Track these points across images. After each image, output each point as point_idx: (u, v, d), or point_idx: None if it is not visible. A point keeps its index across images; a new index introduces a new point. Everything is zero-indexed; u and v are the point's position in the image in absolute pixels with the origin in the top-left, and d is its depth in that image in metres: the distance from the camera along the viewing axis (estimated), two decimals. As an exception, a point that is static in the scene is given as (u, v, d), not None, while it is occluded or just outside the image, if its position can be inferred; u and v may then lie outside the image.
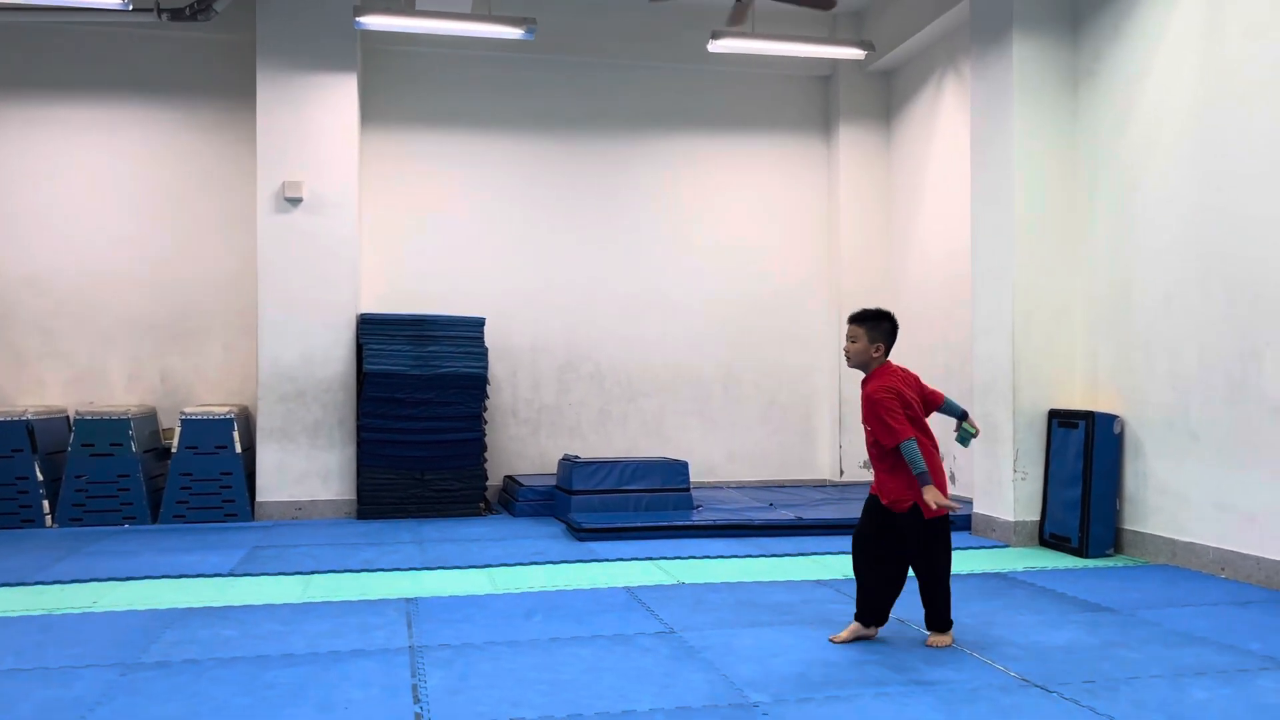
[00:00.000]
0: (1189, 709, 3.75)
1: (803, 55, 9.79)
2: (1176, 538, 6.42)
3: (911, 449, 4.44)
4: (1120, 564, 6.58)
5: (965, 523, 7.82)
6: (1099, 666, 4.29)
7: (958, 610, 5.30)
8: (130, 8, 7.86)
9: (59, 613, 5.25)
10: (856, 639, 4.68)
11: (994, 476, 7.45)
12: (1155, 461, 6.59)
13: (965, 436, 4.87)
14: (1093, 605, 5.42)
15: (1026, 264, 7.23)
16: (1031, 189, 7.26)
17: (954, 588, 5.86)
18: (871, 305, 10.57)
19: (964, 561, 6.65)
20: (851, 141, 10.44)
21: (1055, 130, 7.30)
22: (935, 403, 4.80)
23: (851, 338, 4.75)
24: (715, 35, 8.59)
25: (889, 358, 4.76)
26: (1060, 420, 7.10)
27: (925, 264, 9.75)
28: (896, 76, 10.38)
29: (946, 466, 9.17)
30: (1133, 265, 6.79)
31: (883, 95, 10.53)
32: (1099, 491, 6.77)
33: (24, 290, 9.04)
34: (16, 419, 8.11)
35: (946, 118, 9.39)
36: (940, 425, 5.54)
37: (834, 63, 10.43)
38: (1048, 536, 7.12)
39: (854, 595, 5.61)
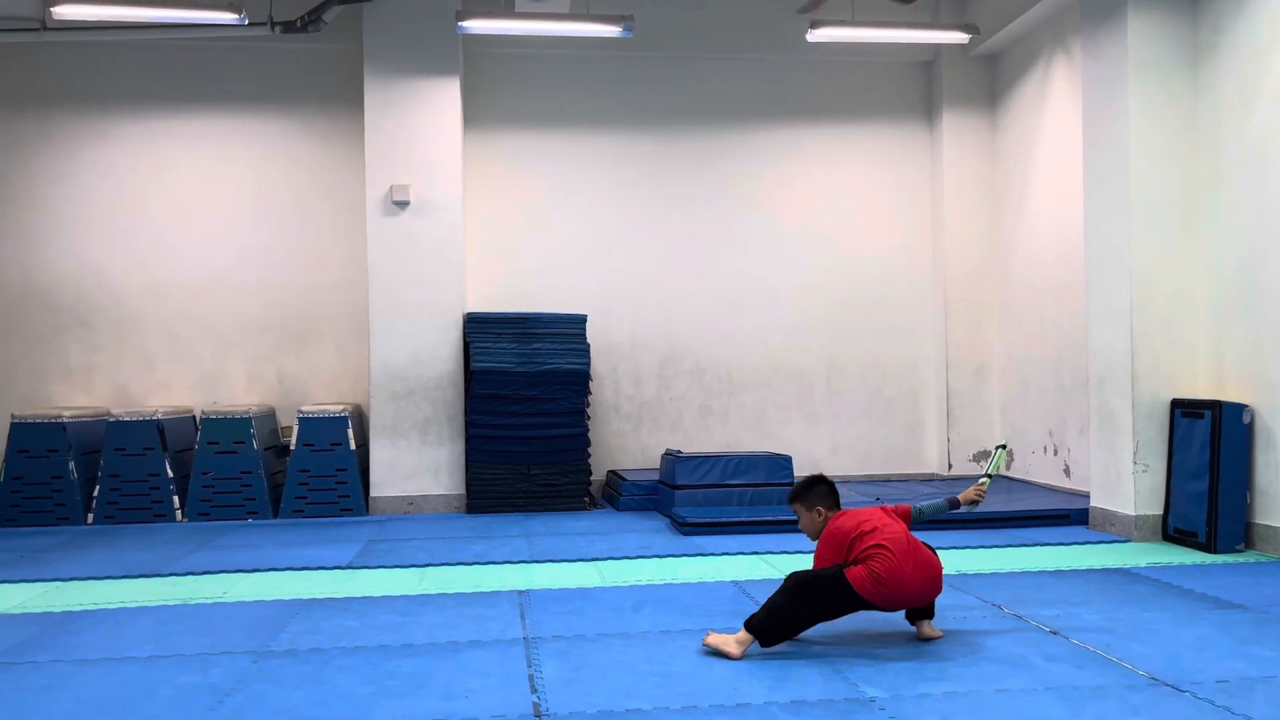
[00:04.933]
0: (1334, 711, 3.57)
1: (904, 41, 9.62)
2: (1313, 532, 6.11)
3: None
4: (1252, 559, 6.29)
5: (1082, 517, 7.59)
6: (1232, 665, 4.12)
7: (1079, 605, 5.16)
8: (245, 22, 8.16)
9: (192, 603, 5.50)
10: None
11: (1112, 469, 7.20)
12: (1288, 452, 6.29)
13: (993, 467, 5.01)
14: (1223, 602, 5.19)
15: (1144, 248, 6.97)
16: (1149, 170, 6.98)
17: (1074, 582, 5.75)
18: (972, 294, 10.31)
19: (1083, 557, 6.46)
20: (955, 128, 10.21)
21: (1173, 108, 7.01)
22: (905, 513, 4.69)
23: (796, 516, 4.76)
24: (814, 25, 8.49)
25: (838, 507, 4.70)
26: (1184, 410, 6.82)
27: (1034, 251, 9.47)
28: (1001, 59, 10.11)
29: (1063, 460, 8.94)
30: (1262, 247, 6.48)
31: (987, 79, 10.27)
32: (1227, 484, 6.48)
33: (150, 296, 9.49)
34: (148, 419, 8.53)
35: (1056, 100, 9.10)
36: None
37: (936, 48, 10.21)
38: (1172, 531, 6.85)
39: (963, 589, 5.51)
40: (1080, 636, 4.56)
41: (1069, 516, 7.67)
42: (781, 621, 4.33)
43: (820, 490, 4.71)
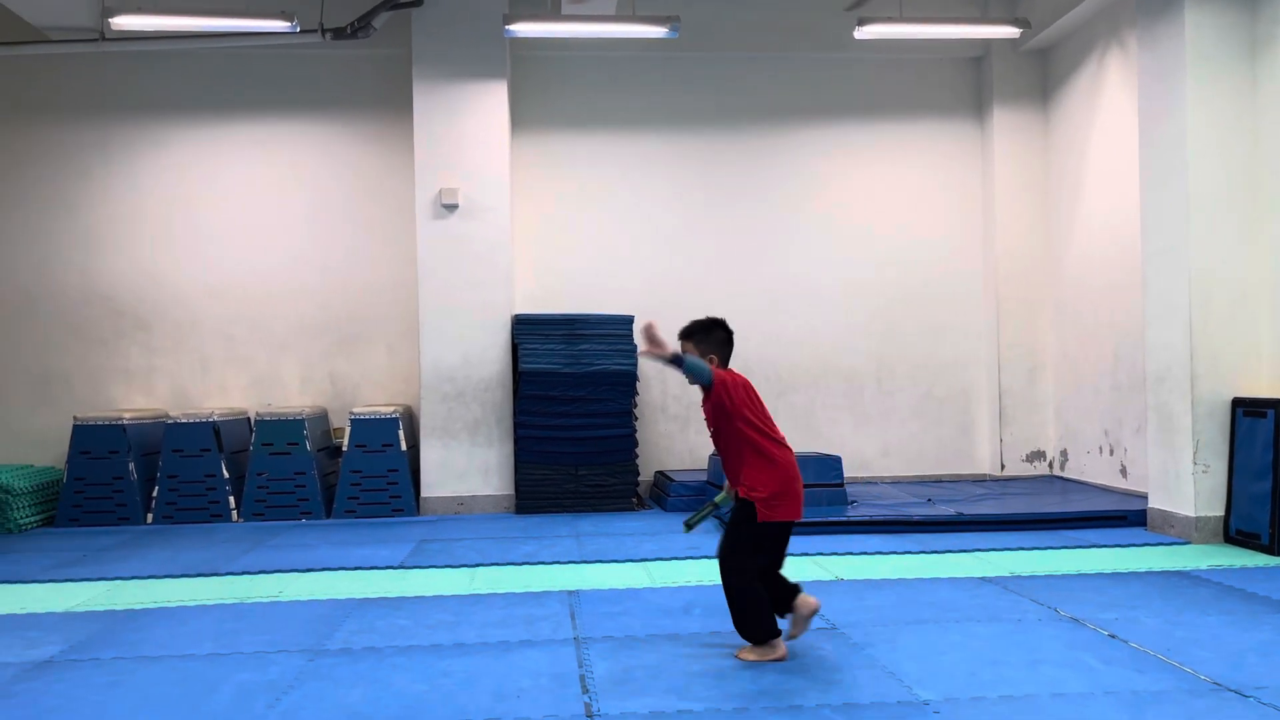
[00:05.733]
0: (1407, 719, 3.47)
1: (953, 37, 9.50)
2: (1382, 535, 5.93)
3: (692, 361, 4.30)
4: (1317, 563, 6.14)
5: (1140, 518, 7.44)
6: (1299, 671, 4.02)
7: (1138, 607, 5.07)
8: (297, 29, 8.30)
9: (249, 601, 5.60)
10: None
11: (1171, 470, 7.05)
12: (1356, 452, 6.11)
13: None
14: (1288, 606, 5.07)
15: (1203, 245, 6.82)
16: (1207, 165, 6.83)
17: (1132, 584, 5.65)
18: (1025, 292, 10.21)
19: (1142, 559, 6.34)
20: (1006, 124, 10.06)
21: (1232, 102, 6.85)
22: None
23: (682, 350, 4.50)
24: (861, 22, 8.43)
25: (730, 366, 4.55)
26: (1246, 409, 6.67)
27: (1088, 248, 9.31)
28: (1054, 54, 9.95)
29: (1119, 460, 8.78)
30: (1325, 242, 6.31)
31: (1039, 74, 10.11)
32: (1291, 485, 6.33)
33: (208, 300, 9.68)
34: (204, 420, 8.69)
35: (1110, 95, 8.94)
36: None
37: (986, 43, 10.08)
38: (1234, 533, 6.70)
39: (1017, 591, 5.44)
40: (1139, 640, 4.48)
41: (1126, 518, 7.53)
42: (752, 609, 4.26)
43: (720, 336, 4.50)
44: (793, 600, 4.39)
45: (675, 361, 4.28)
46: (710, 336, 4.48)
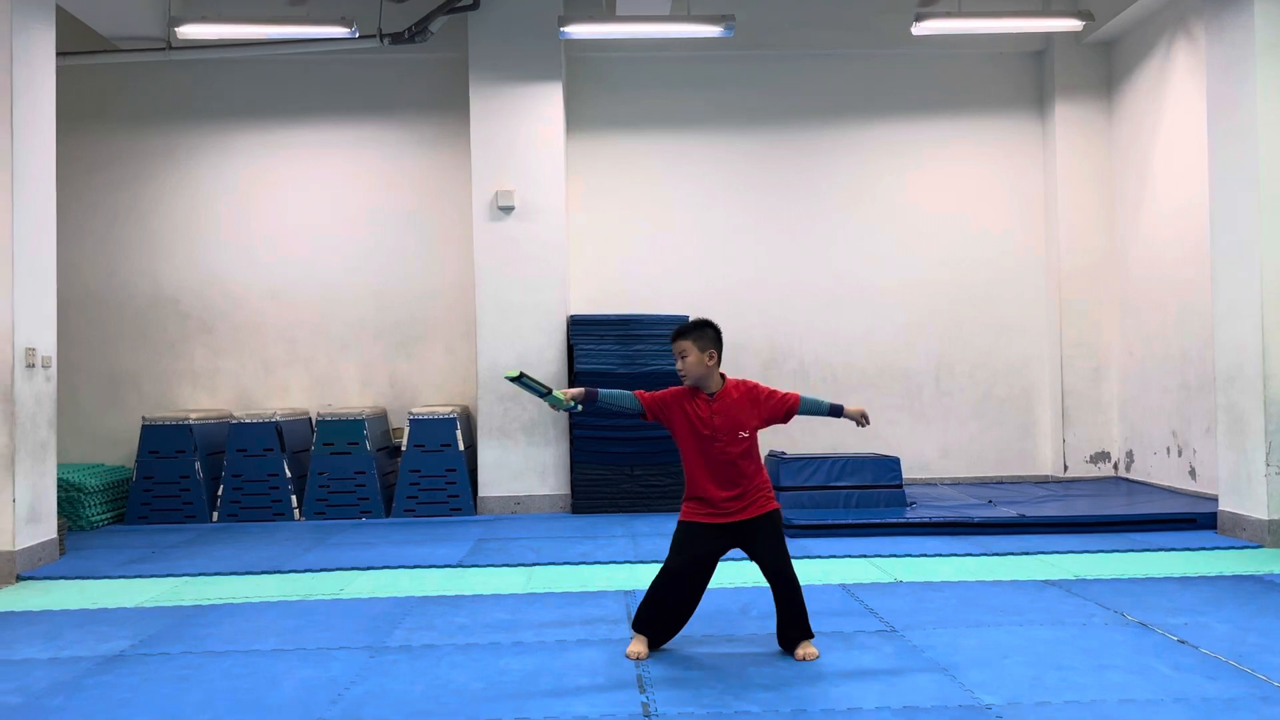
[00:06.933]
0: None
1: (1014, 31, 9.34)
2: None
3: (810, 398, 4.66)
4: (1398, 568, 5.93)
5: (1210, 521, 7.25)
6: (1380, 680, 3.89)
7: (1209, 612, 4.95)
8: (356, 35, 8.44)
9: (312, 598, 5.69)
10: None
11: (1242, 472, 6.86)
12: None
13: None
14: (1368, 613, 4.91)
15: (1275, 240, 6.62)
16: (1279, 158, 6.63)
17: (1202, 589, 5.51)
18: (1088, 291, 10.04)
19: (1213, 563, 6.18)
20: (1068, 119, 9.87)
21: (1307, 91, 6.66)
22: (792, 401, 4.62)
23: (681, 354, 4.41)
24: (919, 17, 8.33)
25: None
26: (1321, 409, 6.47)
27: (1155, 245, 9.10)
28: (1118, 46, 9.74)
29: (1187, 461, 8.56)
30: (1406, 236, 6.09)
31: (1102, 67, 9.91)
32: (1370, 487, 6.12)
33: (269, 303, 9.86)
34: (267, 420, 8.86)
35: (1177, 87, 8.72)
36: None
37: (1047, 36, 9.90)
38: (1308, 537, 6.50)
39: (1081, 594, 5.33)
40: (1210, 646, 4.37)
41: (1195, 521, 7.34)
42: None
43: (712, 334, 4.44)
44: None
45: (834, 412, 4.73)
46: (706, 334, 4.46)
